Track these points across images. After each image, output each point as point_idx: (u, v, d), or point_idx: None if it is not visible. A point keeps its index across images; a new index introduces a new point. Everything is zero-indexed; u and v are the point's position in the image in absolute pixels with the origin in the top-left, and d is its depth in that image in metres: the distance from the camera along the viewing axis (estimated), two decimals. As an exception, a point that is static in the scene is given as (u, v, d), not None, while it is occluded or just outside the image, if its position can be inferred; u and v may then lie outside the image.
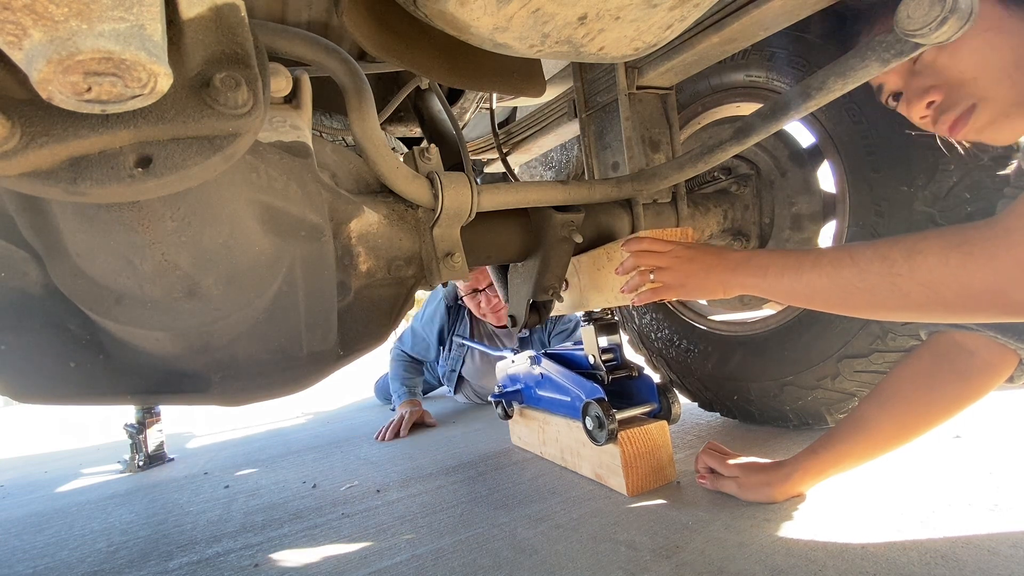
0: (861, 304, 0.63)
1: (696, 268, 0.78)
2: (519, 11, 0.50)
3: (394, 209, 0.76)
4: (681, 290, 0.80)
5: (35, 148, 0.30)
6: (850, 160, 0.99)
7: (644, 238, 0.85)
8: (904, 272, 0.57)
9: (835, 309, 0.67)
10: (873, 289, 0.60)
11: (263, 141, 0.55)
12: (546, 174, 1.81)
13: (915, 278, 0.56)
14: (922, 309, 0.58)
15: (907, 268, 0.57)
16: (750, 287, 0.74)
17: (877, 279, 0.59)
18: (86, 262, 0.48)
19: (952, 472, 0.85)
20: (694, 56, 0.92)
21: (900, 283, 0.58)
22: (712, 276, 0.77)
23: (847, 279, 0.62)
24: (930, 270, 0.55)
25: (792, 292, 0.69)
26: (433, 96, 1.12)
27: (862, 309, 0.64)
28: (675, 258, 0.80)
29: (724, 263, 0.76)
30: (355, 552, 0.87)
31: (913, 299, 0.57)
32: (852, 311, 0.65)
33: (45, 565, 1.03)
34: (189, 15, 0.32)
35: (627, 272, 0.85)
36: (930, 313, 0.58)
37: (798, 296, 0.69)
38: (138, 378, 0.61)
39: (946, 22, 0.51)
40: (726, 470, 0.87)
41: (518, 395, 1.31)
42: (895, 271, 0.58)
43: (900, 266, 0.58)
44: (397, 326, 0.78)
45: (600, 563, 0.72)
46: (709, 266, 0.77)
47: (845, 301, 0.64)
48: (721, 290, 0.77)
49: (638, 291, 0.83)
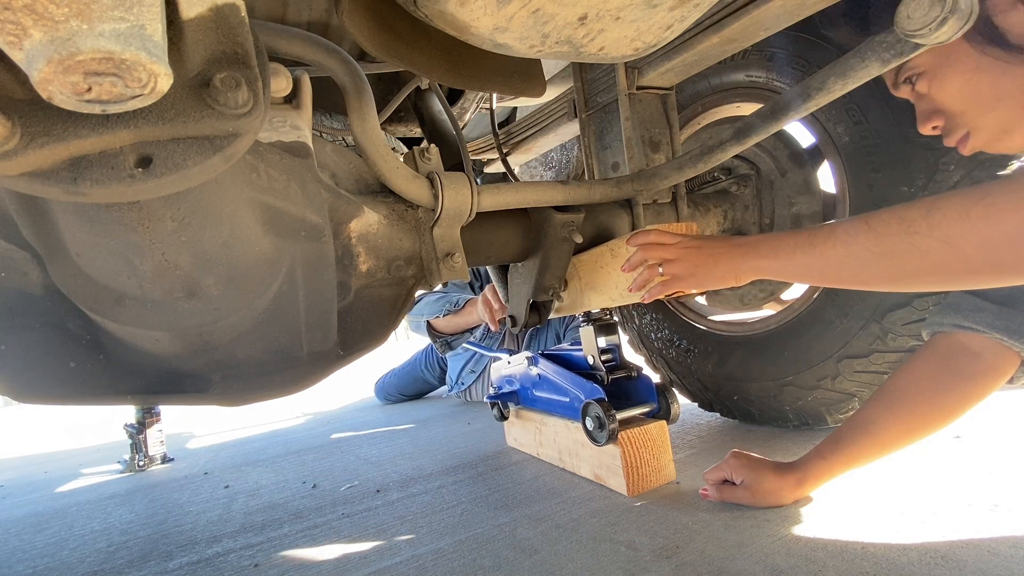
0: (879, 272, 0.61)
1: (705, 257, 0.77)
2: (519, 11, 0.50)
3: (394, 209, 0.76)
4: (692, 280, 0.78)
5: (35, 148, 0.30)
6: (850, 160, 0.99)
7: (651, 231, 0.83)
8: (922, 230, 0.55)
9: (852, 282, 0.65)
10: (890, 252, 0.58)
11: (263, 141, 0.55)
12: (546, 174, 1.81)
13: (934, 234, 0.55)
14: (941, 271, 0.56)
15: (925, 225, 0.55)
16: (763, 269, 0.72)
17: (894, 241, 0.57)
18: (86, 262, 0.48)
19: (952, 472, 0.85)
20: (694, 56, 0.92)
21: (918, 241, 0.56)
22: (722, 263, 0.75)
23: (863, 245, 0.60)
24: (950, 225, 0.54)
25: (807, 268, 0.67)
26: (433, 96, 1.12)
27: (880, 278, 0.62)
28: (683, 249, 0.78)
29: (734, 249, 0.75)
30: (355, 552, 0.87)
31: (932, 258, 0.55)
32: (869, 282, 0.63)
33: (45, 565, 1.03)
34: (189, 15, 0.32)
35: (634, 268, 0.83)
36: (950, 275, 0.56)
37: (813, 271, 0.67)
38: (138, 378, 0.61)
39: (946, 22, 0.52)
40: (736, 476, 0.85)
41: (514, 396, 1.31)
42: (913, 229, 0.56)
43: (918, 224, 0.56)
44: (397, 326, 0.78)
45: (600, 563, 0.72)
46: (718, 253, 0.76)
47: (862, 270, 0.62)
48: (733, 277, 0.75)
49: (648, 287, 0.81)
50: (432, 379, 2.58)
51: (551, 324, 2.16)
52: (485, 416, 1.88)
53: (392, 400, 2.64)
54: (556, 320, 2.15)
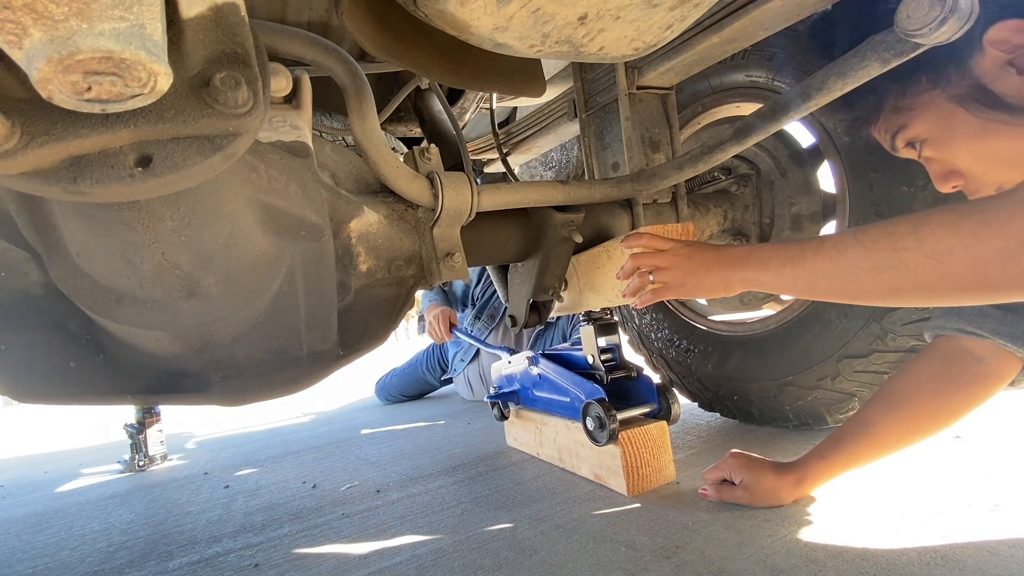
0: (868, 287, 0.60)
1: (696, 266, 0.77)
2: (519, 11, 0.50)
3: (394, 209, 0.76)
4: (682, 289, 0.79)
5: (35, 147, 0.30)
6: (850, 160, 0.99)
7: (643, 234, 0.84)
8: (911, 245, 0.55)
9: (840, 296, 0.64)
10: (879, 268, 0.58)
11: (263, 141, 0.55)
12: (546, 174, 1.81)
13: (922, 250, 0.54)
14: (930, 287, 0.56)
15: (914, 240, 0.55)
16: (752, 282, 0.72)
17: (882, 256, 0.57)
18: (86, 262, 0.48)
19: (952, 472, 0.85)
20: (694, 56, 0.92)
21: (906, 257, 0.55)
22: (712, 273, 0.76)
23: (851, 260, 0.60)
24: (939, 240, 0.53)
25: (796, 282, 0.67)
26: (433, 96, 1.12)
27: (869, 293, 0.62)
28: (674, 257, 0.79)
29: (724, 260, 0.75)
30: (355, 552, 0.87)
31: (920, 275, 0.55)
32: (858, 296, 0.63)
33: (45, 565, 1.03)
34: (189, 15, 0.32)
35: (627, 276, 0.84)
36: (937, 291, 0.56)
37: (802, 285, 0.67)
38: (138, 378, 0.61)
39: (946, 22, 0.51)
40: (735, 476, 0.85)
41: (514, 396, 1.31)
42: (901, 245, 0.55)
43: (907, 239, 0.55)
44: (397, 326, 0.78)
45: (600, 563, 0.72)
46: (709, 263, 0.76)
47: (851, 285, 0.61)
48: (722, 287, 0.76)
49: (639, 294, 0.82)
50: (433, 379, 2.58)
51: (558, 323, 2.17)
52: (485, 416, 1.88)
53: (392, 400, 2.64)
54: (564, 319, 2.16)
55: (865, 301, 0.65)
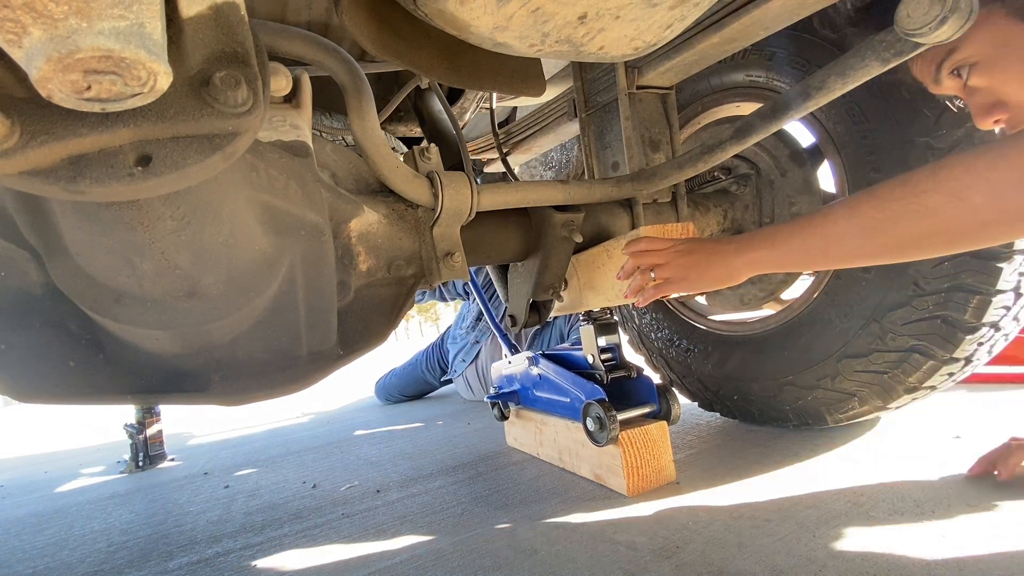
0: (885, 240, 0.58)
1: (696, 259, 0.76)
2: (519, 10, 0.50)
3: (394, 209, 0.76)
4: (684, 283, 0.77)
5: (35, 146, 0.30)
6: (850, 160, 0.99)
7: (642, 238, 0.84)
8: (929, 187, 0.54)
9: (856, 257, 0.62)
10: (897, 216, 0.56)
11: (263, 140, 0.55)
12: (546, 174, 1.81)
13: (941, 189, 0.54)
14: (952, 228, 0.55)
15: (931, 183, 0.54)
16: (759, 262, 0.70)
17: (900, 204, 0.56)
18: (86, 261, 0.48)
19: (952, 472, 0.85)
20: (694, 56, 0.92)
21: (925, 200, 0.55)
22: (714, 264, 0.74)
23: (867, 214, 0.59)
24: (957, 178, 0.53)
25: (806, 251, 0.65)
26: (433, 96, 1.12)
27: (886, 247, 0.59)
28: (674, 253, 0.79)
29: (725, 248, 0.74)
30: (355, 552, 0.87)
31: (941, 215, 0.54)
32: (876, 253, 0.61)
33: (45, 565, 1.03)
34: (189, 14, 0.32)
35: (628, 276, 0.84)
36: (960, 232, 0.55)
37: (814, 253, 0.65)
38: (138, 377, 0.61)
39: (946, 21, 0.51)
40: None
41: (515, 396, 1.31)
42: (920, 189, 0.55)
43: (924, 183, 0.55)
44: (397, 326, 0.77)
45: (600, 563, 0.72)
46: (709, 254, 0.75)
47: (868, 241, 0.59)
48: (727, 275, 0.74)
49: (641, 292, 0.82)
50: (433, 379, 2.58)
51: (555, 323, 2.17)
52: (485, 416, 1.88)
53: (392, 400, 2.64)
54: (561, 319, 2.16)
55: (882, 258, 0.62)
